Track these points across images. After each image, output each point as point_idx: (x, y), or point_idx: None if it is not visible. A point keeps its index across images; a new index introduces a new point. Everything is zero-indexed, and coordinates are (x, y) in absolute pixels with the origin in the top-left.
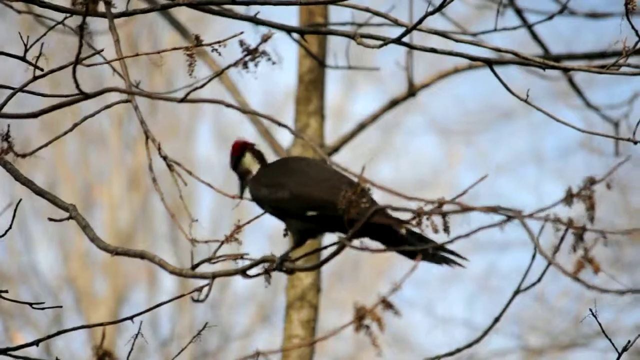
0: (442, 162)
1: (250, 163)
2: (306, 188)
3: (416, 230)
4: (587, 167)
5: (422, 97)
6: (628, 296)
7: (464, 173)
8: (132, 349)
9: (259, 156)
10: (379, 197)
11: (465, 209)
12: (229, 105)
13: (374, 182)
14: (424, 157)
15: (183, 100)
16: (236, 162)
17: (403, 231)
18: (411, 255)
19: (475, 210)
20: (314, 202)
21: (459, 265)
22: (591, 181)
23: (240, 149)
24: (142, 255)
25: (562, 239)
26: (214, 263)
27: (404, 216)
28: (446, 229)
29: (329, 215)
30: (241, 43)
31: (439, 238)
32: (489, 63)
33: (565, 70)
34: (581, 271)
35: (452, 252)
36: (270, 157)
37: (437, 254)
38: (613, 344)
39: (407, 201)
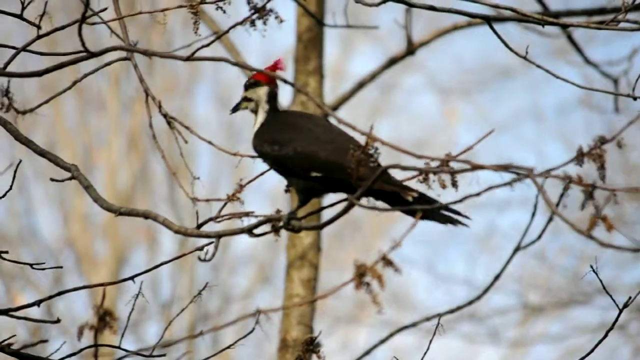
0: (441, 120)
1: (260, 97)
2: (311, 147)
3: (421, 192)
4: (586, 124)
5: (420, 55)
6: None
7: (463, 131)
8: (132, 309)
9: (272, 97)
10: (387, 155)
11: (476, 167)
12: (235, 64)
13: (382, 140)
14: (422, 116)
15: (189, 58)
16: (251, 84)
17: (409, 198)
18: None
19: (486, 169)
20: (319, 162)
21: (463, 224)
22: (602, 140)
23: (264, 79)
24: (146, 215)
25: (562, 195)
26: (218, 222)
27: (412, 174)
28: (454, 185)
29: (334, 176)
30: (248, 1)
31: (447, 195)
32: (488, 20)
33: (564, 26)
34: (594, 229)
35: (455, 212)
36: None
37: (440, 214)
38: (614, 301)
39: (416, 159)
